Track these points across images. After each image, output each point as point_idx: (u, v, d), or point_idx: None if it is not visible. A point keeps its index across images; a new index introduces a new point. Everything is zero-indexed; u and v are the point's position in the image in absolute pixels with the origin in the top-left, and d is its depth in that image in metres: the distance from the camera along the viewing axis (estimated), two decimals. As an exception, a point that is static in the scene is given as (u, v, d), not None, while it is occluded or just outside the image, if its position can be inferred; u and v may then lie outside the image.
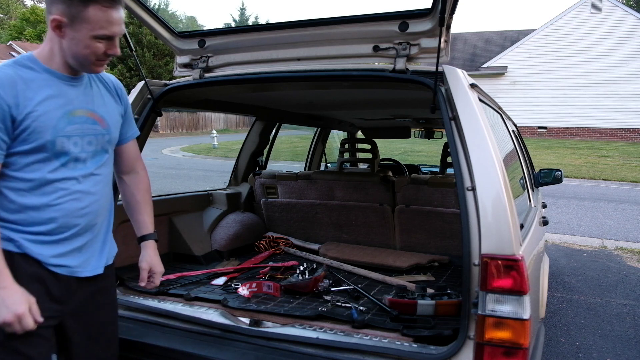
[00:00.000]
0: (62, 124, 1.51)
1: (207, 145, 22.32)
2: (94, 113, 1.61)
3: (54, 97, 1.51)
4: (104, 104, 1.67)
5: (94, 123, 1.60)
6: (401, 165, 5.39)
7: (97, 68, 1.56)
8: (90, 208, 1.59)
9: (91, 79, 1.66)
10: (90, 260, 1.64)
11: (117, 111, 1.72)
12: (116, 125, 1.70)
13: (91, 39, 1.47)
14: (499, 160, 1.76)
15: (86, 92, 1.61)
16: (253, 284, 2.50)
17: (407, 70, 2.04)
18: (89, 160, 1.60)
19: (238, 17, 56.33)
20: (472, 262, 1.65)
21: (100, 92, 1.68)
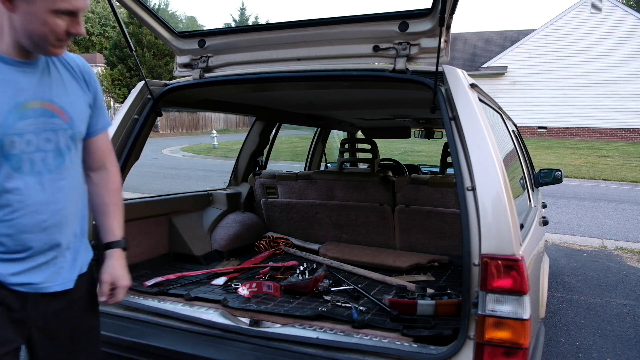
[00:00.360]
0: (12, 120, 1.25)
1: (207, 145, 22.32)
2: (52, 104, 1.33)
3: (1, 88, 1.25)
4: (66, 92, 1.38)
5: (53, 116, 1.33)
6: (401, 165, 5.39)
7: (57, 50, 1.29)
8: (52, 220, 1.33)
9: (50, 62, 1.37)
10: (60, 272, 1.40)
11: (84, 100, 1.44)
12: (82, 117, 1.42)
13: (50, 14, 1.21)
14: (499, 160, 1.76)
15: (43, 80, 1.33)
16: (253, 284, 2.50)
17: (407, 70, 2.04)
18: (49, 161, 1.32)
19: (238, 17, 56.35)
20: (472, 262, 1.66)
21: (62, 78, 1.39)
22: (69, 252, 1.42)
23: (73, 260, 1.45)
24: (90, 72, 1.49)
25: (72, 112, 1.38)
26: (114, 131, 2.31)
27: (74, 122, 1.39)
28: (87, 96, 1.46)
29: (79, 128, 1.41)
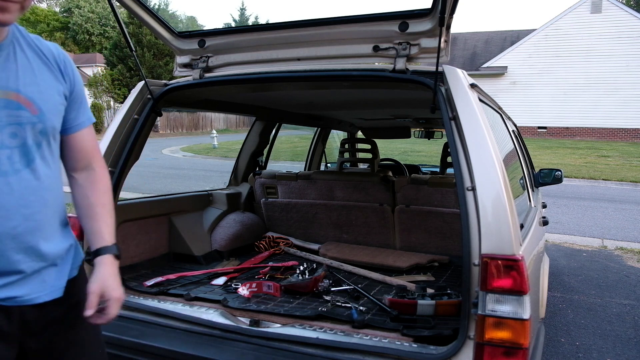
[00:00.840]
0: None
1: (207, 145, 22.33)
2: (17, 94, 1.16)
3: None
4: (35, 81, 1.21)
5: (19, 108, 1.16)
6: (401, 165, 5.39)
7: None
8: (25, 226, 1.18)
9: (17, 47, 1.20)
10: (46, 281, 1.27)
11: (56, 90, 1.26)
12: (54, 109, 1.25)
13: None
14: (499, 160, 1.76)
15: (7, 66, 1.16)
16: (253, 284, 2.50)
17: (407, 70, 2.04)
18: (16, 159, 1.16)
19: (238, 17, 56.36)
20: (472, 262, 1.66)
21: (31, 65, 1.22)
22: (51, 258, 1.28)
23: (59, 267, 1.31)
24: (66, 61, 1.32)
25: (41, 103, 1.21)
26: (114, 131, 2.31)
27: (44, 115, 1.21)
28: (62, 86, 1.29)
29: (51, 122, 1.24)
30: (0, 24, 1.11)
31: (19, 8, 1.12)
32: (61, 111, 1.29)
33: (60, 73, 1.30)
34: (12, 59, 1.18)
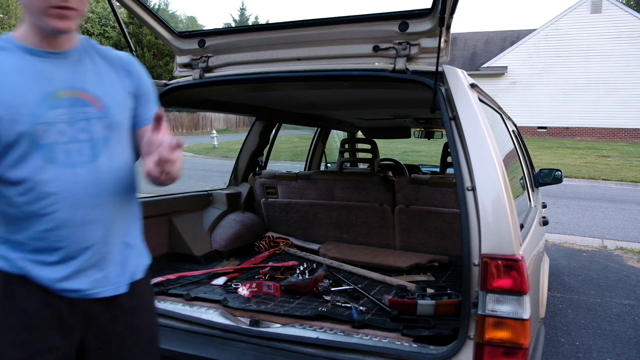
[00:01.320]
0: (41, 109, 1.20)
1: (207, 145, 22.32)
2: (84, 92, 1.27)
3: (28, 77, 1.21)
4: (100, 81, 1.32)
5: (85, 105, 1.27)
6: (401, 165, 5.39)
7: (57, 22, 1.19)
8: (92, 215, 1.26)
9: (85, 53, 1.33)
10: (109, 277, 1.32)
11: (122, 88, 1.36)
12: (119, 105, 1.34)
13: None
14: (499, 160, 1.76)
15: (74, 69, 1.28)
16: (253, 284, 2.50)
17: (407, 70, 2.04)
18: (85, 152, 1.25)
19: (238, 17, 56.34)
20: (472, 262, 1.66)
21: (98, 68, 1.34)
22: (116, 253, 1.33)
23: (123, 264, 1.35)
24: (133, 63, 1.43)
25: (107, 99, 1.31)
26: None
27: (110, 110, 1.31)
28: (127, 85, 1.39)
29: (117, 116, 1.33)
30: (62, 31, 1.22)
31: (77, 15, 1.23)
32: (127, 107, 1.37)
33: (125, 73, 1.39)
34: (79, 63, 1.30)
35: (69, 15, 1.20)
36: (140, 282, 1.41)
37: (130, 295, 1.37)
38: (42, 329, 1.24)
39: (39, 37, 1.24)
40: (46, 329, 1.25)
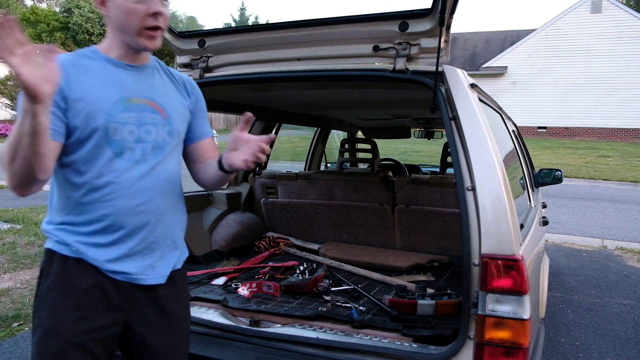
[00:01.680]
0: (116, 110, 1.38)
1: (207, 145, 22.26)
2: (153, 102, 1.46)
3: (109, 82, 1.39)
4: (166, 94, 1.51)
5: (154, 112, 1.45)
6: (401, 165, 5.39)
7: (147, 41, 1.39)
8: (146, 206, 1.41)
9: (156, 70, 1.53)
10: (155, 267, 1.46)
11: (182, 104, 1.55)
12: (179, 117, 1.52)
13: (128, 0, 1.35)
14: (499, 160, 1.76)
15: (146, 82, 1.47)
16: (253, 284, 2.50)
17: (407, 70, 2.04)
18: (148, 152, 1.43)
19: (238, 17, 56.35)
20: (472, 262, 1.66)
21: (164, 83, 1.53)
22: (162, 245, 1.48)
23: (167, 256, 1.50)
24: (192, 84, 1.64)
25: (170, 110, 1.50)
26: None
27: (172, 119, 1.49)
28: (186, 101, 1.58)
29: (177, 126, 1.51)
30: (149, 49, 1.42)
31: (161, 34, 1.43)
32: (185, 119, 1.56)
33: (185, 91, 1.60)
34: (150, 77, 1.50)
35: (157, 35, 1.41)
36: (178, 273, 1.55)
37: (169, 285, 1.50)
38: (93, 307, 1.37)
39: (122, 52, 1.43)
40: (96, 308, 1.38)
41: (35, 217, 6.99)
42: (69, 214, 1.40)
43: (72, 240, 1.38)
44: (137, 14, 1.36)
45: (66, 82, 1.32)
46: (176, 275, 1.54)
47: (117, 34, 1.41)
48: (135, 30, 1.37)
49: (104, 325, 1.39)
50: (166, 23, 1.43)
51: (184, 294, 1.62)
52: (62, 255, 1.39)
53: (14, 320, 3.58)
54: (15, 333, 3.41)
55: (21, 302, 3.91)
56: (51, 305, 1.38)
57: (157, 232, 1.45)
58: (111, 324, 1.41)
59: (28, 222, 6.72)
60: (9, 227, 6.41)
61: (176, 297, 1.55)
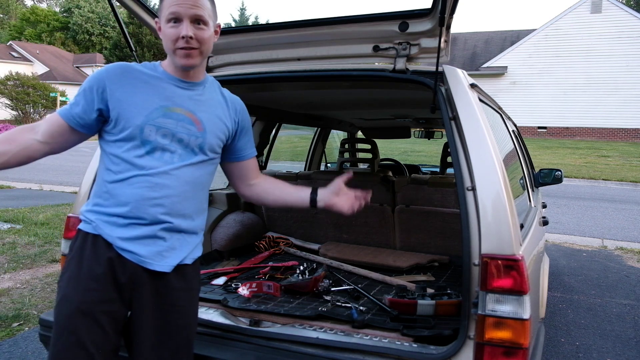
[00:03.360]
0: (156, 115, 1.54)
1: (207, 145, 22.27)
2: (192, 114, 1.60)
3: (157, 91, 1.57)
4: (208, 109, 1.64)
5: (191, 123, 1.59)
6: (401, 165, 5.39)
7: (183, 60, 1.55)
8: (163, 200, 1.54)
9: (208, 87, 1.69)
10: (164, 255, 1.57)
11: (223, 122, 1.68)
12: (216, 132, 1.65)
13: (166, 26, 1.54)
14: (499, 160, 1.76)
15: (191, 96, 1.62)
16: (253, 284, 2.50)
17: (407, 70, 2.03)
18: (176, 156, 1.57)
19: (238, 17, 56.36)
20: (472, 262, 1.65)
21: (212, 100, 1.67)
22: (174, 239, 1.59)
23: (178, 249, 1.60)
24: (241, 107, 1.78)
25: (207, 125, 1.62)
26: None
27: (206, 133, 1.62)
28: (230, 120, 1.71)
29: (210, 140, 1.63)
30: (187, 66, 1.57)
31: (199, 53, 1.57)
32: (221, 137, 1.68)
33: (233, 111, 1.73)
34: (199, 94, 1.64)
35: (192, 54, 1.55)
36: (189, 268, 1.64)
37: (177, 277, 1.60)
38: (102, 280, 1.51)
39: (173, 69, 1.61)
40: (105, 281, 1.51)
41: (35, 217, 6.99)
42: (99, 198, 1.57)
43: (95, 218, 1.55)
44: (170, 37, 1.54)
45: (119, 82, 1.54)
46: (187, 270, 1.63)
47: (168, 54, 1.60)
48: (171, 51, 1.56)
49: (111, 299, 1.51)
50: (202, 44, 1.56)
51: (194, 291, 1.69)
52: (85, 233, 1.56)
53: (14, 320, 3.58)
54: (15, 333, 3.41)
55: (21, 302, 3.91)
56: (68, 275, 1.54)
57: (170, 226, 1.56)
58: (117, 299, 1.53)
59: (28, 222, 6.72)
60: (9, 227, 6.41)
61: (183, 291, 1.62)
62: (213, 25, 1.62)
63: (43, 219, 6.91)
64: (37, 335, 2.57)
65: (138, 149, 1.53)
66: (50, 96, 26.92)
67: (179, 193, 1.57)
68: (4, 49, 40.35)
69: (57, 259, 5.07)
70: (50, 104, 27.22)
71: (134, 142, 1.53)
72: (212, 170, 1.70)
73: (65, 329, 1.49)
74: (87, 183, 2.22)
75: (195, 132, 1.59)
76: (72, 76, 40.91)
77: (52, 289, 4.24)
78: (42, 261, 5.03)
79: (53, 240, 5.81)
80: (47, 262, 5.00)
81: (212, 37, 1.63)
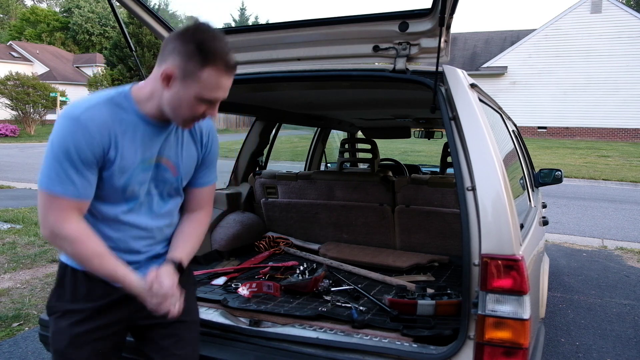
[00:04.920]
0: (138, 171, 1.51)
1: (207, 145, 22.27)
2: (168, 160, 1.59)
3: (137, 144, 1.50)
4: (181, 151, 1.62)
5: (166, 170, 1.59)
6: (401, 165, 5.39)
7: (188, 126, 1.52)
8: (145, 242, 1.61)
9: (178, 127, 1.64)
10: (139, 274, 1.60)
11: (194, 159, 1.67)
12: (188, 173, 1.67)
13: (195, 99, 1.42)
14: (499, 160, 1.76)
15: (167, 139, 1.57)
16: (253, 284, 2.50)
17: (407, 70, 2.03)
18: (155, 204, 1.61)
19: (238, 17, 56.37)
20: (472, 262, 1.65)
21: (183, 139, 1.63)
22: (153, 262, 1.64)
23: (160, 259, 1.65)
24: (210, 133, 1.71)
25: (182, 168, 1.63)
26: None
27: (181, 178, 1.64)
28: (198, 153, 1.68)
29: (184, 183, 1.67)
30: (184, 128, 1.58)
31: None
32: (192, 173, 1.69)
33: (200, 143, 1.68)
34: (172, 134, 1.59)
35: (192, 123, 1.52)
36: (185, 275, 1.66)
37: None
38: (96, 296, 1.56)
39: (156, 114, 1.50)
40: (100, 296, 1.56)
41: (35, 217, 6.98)
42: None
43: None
44: (194, 111, 1.45)
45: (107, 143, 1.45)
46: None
47: (162, 102, 1.46)
48: (182, 118, 1.47)
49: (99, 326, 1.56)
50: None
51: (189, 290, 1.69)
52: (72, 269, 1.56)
53: (14, 320, 3.58)
54: (15, 333, 3.41)
55: (21, 302, 3.91)
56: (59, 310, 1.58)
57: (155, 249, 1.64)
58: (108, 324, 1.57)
59: (28, 222, 6.72)
60: (9, 227, 6.41)
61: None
62: None
63: (43, 219, 6.90)
64: (37, 335, 2.57)
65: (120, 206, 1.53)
66: (50, 96, 26.88)
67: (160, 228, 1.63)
68: (4, 49, 40.34)
69: (57, 259, 5.06)
70: (50, 104, 27.19)
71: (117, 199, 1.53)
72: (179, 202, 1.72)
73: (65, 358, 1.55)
74: None
75: (170, 178, 1.61)
76: (72, 76, 40.89)
77: (52, 289, 4.24)
78: (42, 261, 5.03)
79: (53, 240, 5.80)
80: (47, 262, 5.01)
81: None
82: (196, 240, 1.72)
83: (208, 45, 1.35)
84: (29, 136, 26.54)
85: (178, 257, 1.61)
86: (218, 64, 1.37)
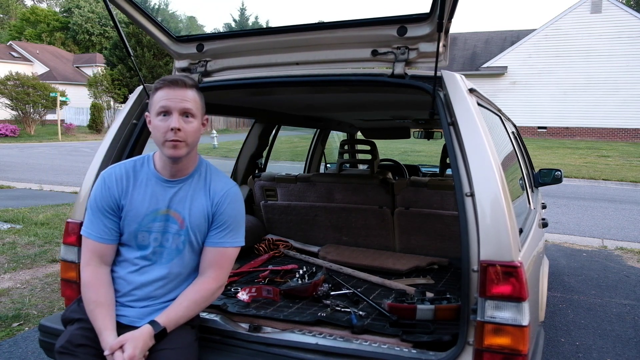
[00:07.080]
0: (147, 221, 1.74)
1: (207, 145, 22.32)
2: (177, 213, 1.77)
3: (148, 195, 1.76)
4: (191, 206, 1.79)
5: (174, 222, 1.77)
6: (401, 166, 5.39)
7: (170, 150, 1.68)
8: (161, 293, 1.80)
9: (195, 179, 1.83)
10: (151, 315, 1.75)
11: (205, 214, 1.81)
12: (197, 227, 1.80)
13: (156, 119, 1.68)
14: (497, 165, 1.76)
15: (177, 194, 1.78)
16: (252, 289, 2.50)
17: (406, 75, 2.03)
18: (166, 254, 1.78)
19: (238, 17, 56.37)
20: (471, 268, 1.65)
21: (194, 194, 1.81)
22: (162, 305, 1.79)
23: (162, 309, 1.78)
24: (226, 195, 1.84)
25: (189, 221, 1.79)
26: (113, 136, 2.29)
27: (189, 230, 1.79)
28: (209, 209, 1.82)
29: (192, 236, 1.80)
30: (175, 157, 1.71)
31: (185, 145, 1.70)
32: (203, 230, 1.82)
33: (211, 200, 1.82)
34: (183, 190, 1.80)
35: (179, 145, 1.68)
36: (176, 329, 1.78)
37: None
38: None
39: (162, 163, 1.78)
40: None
41: (35, 217, 6.99)
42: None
43: None
44: (160, 130, 1.68)
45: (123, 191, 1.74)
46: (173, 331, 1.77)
47: (157, 146, 1.74)
48: (160, 143, 1.70)
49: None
50: (189, 135, 1.69)
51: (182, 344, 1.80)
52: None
53: (14, 320, 3.59)
54: (15, 333, 3.41)
55: (21, 302, 3.92)
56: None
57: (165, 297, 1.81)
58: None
59: (28, 222, 6.72)
60: (9, 227, 6.41)
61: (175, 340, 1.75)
62: (200, 117, 1.76)
63: (43, 219, 6.91)
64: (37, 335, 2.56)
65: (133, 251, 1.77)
66: (50, 96, 26.86)
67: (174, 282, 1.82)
68: (4, 49, 40.35)
69: (57, 259, 5.07)
70: (50, 104, 27.17)
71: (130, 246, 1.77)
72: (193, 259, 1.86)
73: None
74: (88, 184, 2.20)
75: (178, 230, 1.77)
76: (72, 76, 40.89)
77: (52, 289, 4.24)
78: (42, 261, 5.03)
79: (53, 240, 5.81)
80: (47, 262, 5.01)
81: (200, 129, 1.76)
82: (190, 305, 1.78)
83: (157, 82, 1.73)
84: (29, 136, 26.54)
85: (162, 321, 1.71)
86: (163, 85, 1.70)
